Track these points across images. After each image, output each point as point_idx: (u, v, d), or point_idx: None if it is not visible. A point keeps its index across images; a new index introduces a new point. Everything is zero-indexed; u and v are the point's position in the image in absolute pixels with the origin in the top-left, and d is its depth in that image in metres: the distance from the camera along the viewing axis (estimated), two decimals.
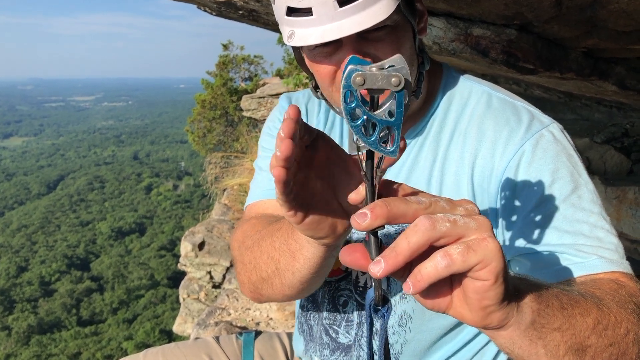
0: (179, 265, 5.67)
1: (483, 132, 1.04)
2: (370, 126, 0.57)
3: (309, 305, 1.25)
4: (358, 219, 0.57)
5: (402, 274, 0.59)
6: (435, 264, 0.55)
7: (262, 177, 1.23)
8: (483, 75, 3.95)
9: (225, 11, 3.14)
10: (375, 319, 0.64)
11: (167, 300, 38.05)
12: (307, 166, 0.70)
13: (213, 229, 5.59)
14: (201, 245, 5.37)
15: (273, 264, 0.94)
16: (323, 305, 1.20)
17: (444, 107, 1.11)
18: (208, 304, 5.13)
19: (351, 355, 1.16)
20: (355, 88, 0.55)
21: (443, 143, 1.08)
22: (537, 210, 0.96)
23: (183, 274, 5.72)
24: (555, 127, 1.03)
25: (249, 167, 6.08)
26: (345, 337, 1.17)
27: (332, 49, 0.97)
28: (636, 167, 4.57)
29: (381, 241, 0.60)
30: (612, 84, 3.02)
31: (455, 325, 1.10)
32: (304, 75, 7.55)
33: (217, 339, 1.45)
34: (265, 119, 1.59)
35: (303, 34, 0.92)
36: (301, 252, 0.86)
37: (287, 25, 0.94)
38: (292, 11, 0.92)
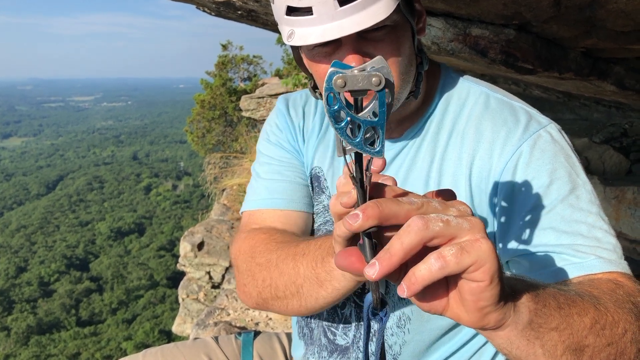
0: (178, 265, 5.66)
1: (481, 132, 1.04)
2: (355, 128, 0.57)
3: None
4: (350, 220, 0.56)
5: (397, 276, 0.59)
6: (429, 266, 0.54)
7: (260, 185, 1.22)
8: (482, 76, 3.95)
9: (224, 11, 3.14)
10: (373, 322, 0.64)
11: (167, 300, 38.06)
12: None
13: (212, 229, 5.58)
14: (200, 246, 5.37)
15: (294, 287, 0.95)
16: None
17: (441, 108, 1.11)
18: (207, 304, 5.12)
19: (349, 357, 1.16)
20: (337, 90, 0.55)
21: (441, 144, 1.08)
22: (535, 211, 0.96)
23: (182, 274, 5.71)
24: (553, 128, 1.03)
25: (248, 167, 6.07)
26: (343, 339, 1.17)
27: (332, 48, 0.96)
28: (635, 167, 4.56)
29: (376, 244, 0.59)
30: (611, 84, 3.02)
31: (453, 326, 1.10)
32: (303, 75, 7.54)
33: (216, 339, 1.44)
34: (264, 119, 1.59)
35: (303, 33, 0.92)
36: (331, 282, 0.88)
37: (287, 24, 0.94)
38: (292, 10, 0.92)
